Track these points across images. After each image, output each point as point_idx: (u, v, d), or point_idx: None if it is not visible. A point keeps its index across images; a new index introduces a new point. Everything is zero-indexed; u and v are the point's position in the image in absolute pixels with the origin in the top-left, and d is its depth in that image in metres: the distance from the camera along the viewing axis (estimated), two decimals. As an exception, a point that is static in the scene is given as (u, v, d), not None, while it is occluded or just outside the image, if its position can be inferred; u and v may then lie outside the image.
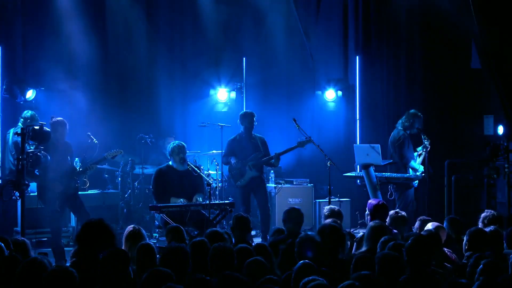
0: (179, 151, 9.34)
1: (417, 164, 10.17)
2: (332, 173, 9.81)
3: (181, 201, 9.15)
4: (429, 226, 6.92)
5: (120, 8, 12.01)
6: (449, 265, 6.02)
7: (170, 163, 9.46)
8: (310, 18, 13.21)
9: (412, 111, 10.45)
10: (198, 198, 9.28)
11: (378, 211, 7.35)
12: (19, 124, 9.58)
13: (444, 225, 7.18)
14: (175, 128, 12.27)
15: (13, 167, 9.22)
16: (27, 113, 9.79)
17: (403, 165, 10.26)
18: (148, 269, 5.15)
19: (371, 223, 6.54)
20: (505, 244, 6.49)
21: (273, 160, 10.42)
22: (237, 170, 10.38)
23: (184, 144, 9.52)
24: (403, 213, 7.61)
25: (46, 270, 4.71)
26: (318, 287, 4.56)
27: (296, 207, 7.34)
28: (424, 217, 7.70)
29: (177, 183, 9.33)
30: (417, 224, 7.47)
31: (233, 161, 10.36)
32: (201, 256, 5.54)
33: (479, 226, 7.04)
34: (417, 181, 10.23)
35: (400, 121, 10.50)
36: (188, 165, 9.41)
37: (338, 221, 7.17)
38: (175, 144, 9.46)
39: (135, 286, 5.15)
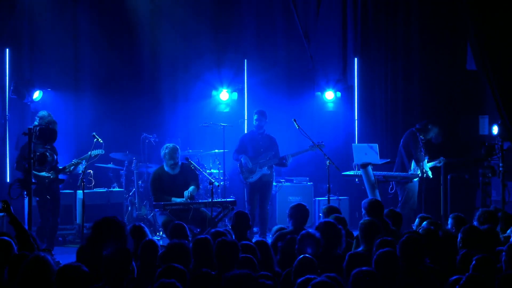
0: (170, 158, 9.40)
1: (426, 165, 10.43)
2: (331, 172, 9.88)
3: (183, 199, 9.28)
4: (425, 223, 7.02)
5: (123, 10, 12.15)
6: (444, 262, 6.02)
7: (164, 165, 9.54)
8: (310, 20, 13.24)
9: (437, 126, 10.77)
10: (189, 191, 9.31)
11: (374, 209, 7.34)
12: (35, 123, 9.50)
13: (449, 222, 7.28)
14: (178, 128, 12.38)
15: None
16: (44, 112, 9.78)
17: (416, 160, 10.44)
18: (154, 265, 5.33)
19: (361, 221, 6.59)
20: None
21: (284, 161, 10.64)
22: (247, 168, 10.58)
23: (177, 148, 9.52)
24: (398, 210, 7.69)
25: (49, 266, 4.73)
26: (319, 285, 4.60)
27: (302, 203, 7.47)
28: (423, 214, 7.82)
29: (170, 185, 9.40)
30: (416, 221, 7.56)
31: (243, 160, 10.53)
32: (204, 253, 5.63)
33: (474, 223, 7.10)
34: (416, 178, 10.47)
35: (423, 122, 10.77)
36: (190, 162, 9.51)
37: (341, 217, 7.25)
38: (166, 151, 9.46)
39: (137, 283, 5.23)
